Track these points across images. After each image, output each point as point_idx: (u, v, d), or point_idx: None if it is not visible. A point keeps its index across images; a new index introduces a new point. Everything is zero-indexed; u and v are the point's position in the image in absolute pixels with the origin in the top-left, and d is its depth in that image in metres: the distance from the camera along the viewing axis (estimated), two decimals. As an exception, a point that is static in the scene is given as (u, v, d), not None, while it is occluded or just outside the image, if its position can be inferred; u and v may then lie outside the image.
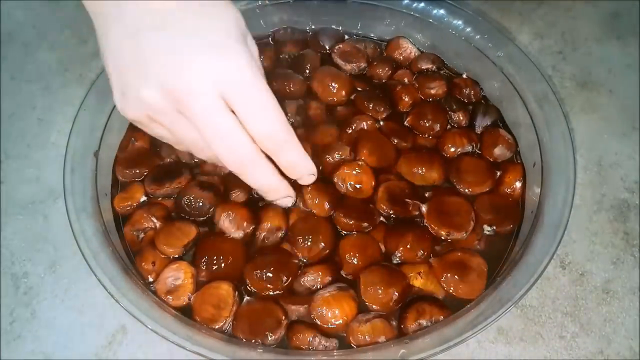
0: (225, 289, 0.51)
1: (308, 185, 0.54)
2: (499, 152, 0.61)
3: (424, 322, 0.50)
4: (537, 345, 0.57)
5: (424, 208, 0.56)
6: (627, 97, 0.74)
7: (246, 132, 0.42)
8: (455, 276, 0.52)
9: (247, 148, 0.42)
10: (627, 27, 0.81)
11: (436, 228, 0.55)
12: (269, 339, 0.49)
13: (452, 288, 0.52)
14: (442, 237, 0.55)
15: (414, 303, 0.52)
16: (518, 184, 0.58)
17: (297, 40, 0.70)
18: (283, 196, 0.51)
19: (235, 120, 0.41)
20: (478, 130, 0.63)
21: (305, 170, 0.48)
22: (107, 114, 0.59)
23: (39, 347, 0.57)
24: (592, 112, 0.73)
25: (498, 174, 0.59)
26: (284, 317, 0.50)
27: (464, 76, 0.67)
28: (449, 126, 0.63)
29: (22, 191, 0.67)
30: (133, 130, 0.62)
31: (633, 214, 0.65)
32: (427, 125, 0.62)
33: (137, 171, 0.59)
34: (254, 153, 0.43)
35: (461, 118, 0.63)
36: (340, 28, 0.72)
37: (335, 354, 0.49)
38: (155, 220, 0.56)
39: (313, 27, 0.72)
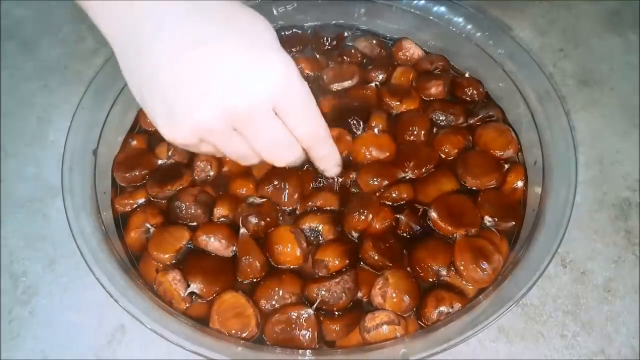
0: (231, 296, 0.50)
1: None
2: (503, 149, 0.60)
3: (444, 309, 0.50)
4: (538, 344, 0.57)
5: (434, 214, 0.55)
6: (629, 95, 0.74)
7: (292, 135, 0.45)
8: (472, 260, 0.52)
9: (297, 151, 0.47)
10: (628, 24, 0.81)
11: (452, 229, 0.54)
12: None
13: (462, 269, 0.52)
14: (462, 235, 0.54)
15: (432, 291, 0.52)
16: (520, 184, 0.58)
17: (298, 40, 0.70)
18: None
19: (284, 127, 0.44)
20: (471, 120, 0.63)
21: (334, 161, 0.53)
22: (106, 111, 0.59)
23: (38, 346, 0.57)
24: (593, 109, 0.73)
25: (506, 166, 0.59)
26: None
27: (467, 75, 0.67)
28: (435, 129, 0.63)
29: (21, 189, 0.67)
30: (131, 133, 0.62)
31: (634, 213, 0.64)
32: (414, 133, 0.62)
33: (136, 173, 0.59)
34: (301, 153, 0.48)
35: (457, 116, 0.63)
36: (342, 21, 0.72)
37: (337, 353, 0.49)
38: (150, 226, 0.55)
39: (313, 23, 0.72)
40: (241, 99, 0.40)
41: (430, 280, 0.53)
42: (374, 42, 0.70)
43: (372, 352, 0.48)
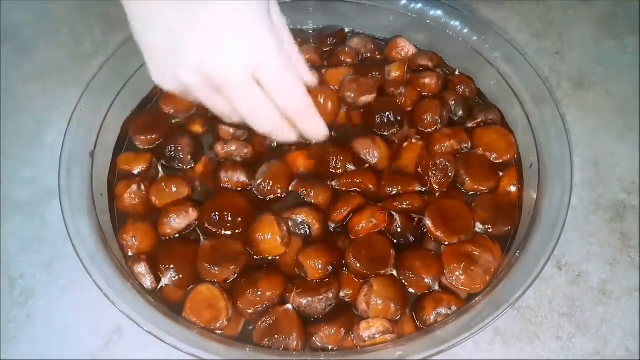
0: (206, 288, 0.52)
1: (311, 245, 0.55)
2: (504, 152, 0.61)
3: (442, 310, 0.50)
4: (534, 345, 0.57)
5: (428, 222, 0.55)
6: (624, 98, 0.74)
7: (272, 103, 0.47)
8: (460, 268, 0.52)
9: (275, 118, 0.48)
10: (624, 27, 0.81)
11: (446, 237, 0.55)
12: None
13: (453, 278, 0.52)
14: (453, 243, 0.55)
15: (429, 293, 0.52)
16: (513, 188, 0.58)
17: (300, 39, 0.71)
18: (294, 139, 0.53)
19: (263, 95, 0.46)
20: (469, 124, 0.63)
21: (320, 132, 0.53)
22: (103, 114, 0.59)
23: (35, 348, 0.57)
24: (588, 112, 0.73)
25: (500, 174, 0.60)
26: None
27: (457, 73, 0.68)
28: (438, 126, 0.63)
29: (18, 191, 0.67)
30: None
31: (630, 215, 0.65)
32: (429, 120, 0.62)
33: (153, 136, 0.62)
34: (280, 121, 0.49)
35: (460, 113, 0.64)
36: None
37: (333, 355, 0.49)
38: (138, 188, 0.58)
39: (313, 26, 0.73)
40: (215, 65, 0.43)
41: (422, 291, 0.53)
42: (369, 42, 0.70)
43: (368, 354, 0.48)
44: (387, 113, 0.62)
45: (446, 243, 0.55)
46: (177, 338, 0.46)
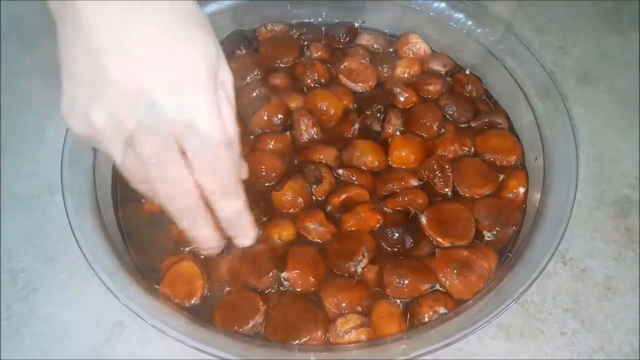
0: (188, 264, 0.52)
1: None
2: (508, 154, 0.60)
3: (440, 309, 0.50)
4: (538, 341, 0.56)
5: (423, 219, 0.55)
6: (628, 93, 0.74)
7: (191, 180, 0.39)
8: (454, 273, 0.52)
9: (190, 198, 0.40)
10: (628, 22, 0.81)
11: (438, 239, 0.54)
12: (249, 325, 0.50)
13: (447, 283, 0.52)
14: (445, 246, 0.54)
15: (428, 292, 0.52)
16: (522, 189, 0.58)
17: (313, 37, 0.70)
18: (212, 247, 0.46)
19: (183, 166, 0.39)
20: (474, 123, 0.63)
21: (244, 228, 0.45)
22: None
23: (37, 342, 0.56)
24: (592, 107, 0.73)
25: (501, 177, 0.59)
26: (261, 303, 0.51)
27: (467, 72, 0.67)
28: (442, 130, 0.62)
29: (19, 186, 0.66)
30: None
31: (634, 210, 0.64)
32: (427, 125, 0.62)
33: None
34: (196, 204, 0.41)
35: (468, 112, 0.63)
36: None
37: (334, 350, 0.49)
38: None
39: (320, 20, 0.73)
40: (134, 114, 0.36)
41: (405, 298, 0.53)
42: (380, 37, 0.70)
43: (370, 349, 0.48)
44: (376, 106, 0.62)
45: (440, 246, 0.54)
46: (180, 332, 0.45)
